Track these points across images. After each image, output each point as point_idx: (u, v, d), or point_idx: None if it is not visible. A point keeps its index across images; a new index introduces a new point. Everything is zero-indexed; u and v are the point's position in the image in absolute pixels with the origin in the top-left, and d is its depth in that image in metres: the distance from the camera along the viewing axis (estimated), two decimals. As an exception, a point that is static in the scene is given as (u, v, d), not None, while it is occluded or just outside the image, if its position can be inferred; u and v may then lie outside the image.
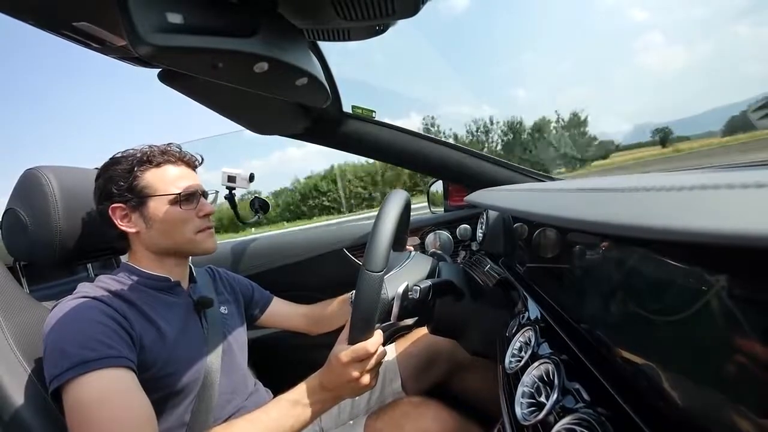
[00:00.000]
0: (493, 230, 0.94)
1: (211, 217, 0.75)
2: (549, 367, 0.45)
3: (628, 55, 27.34)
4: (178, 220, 0.69)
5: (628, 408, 0.33)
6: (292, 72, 0.45)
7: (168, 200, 0.69)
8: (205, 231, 0.73)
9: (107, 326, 0.58)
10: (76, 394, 0.52)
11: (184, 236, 0.71)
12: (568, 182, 0.71)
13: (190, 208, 0.71)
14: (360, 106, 1.00)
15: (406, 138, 1.04)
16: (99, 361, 0.53)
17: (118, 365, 0.55)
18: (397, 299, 0.61)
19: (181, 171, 0.72)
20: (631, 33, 30.01)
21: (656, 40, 25.90)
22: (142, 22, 0.32)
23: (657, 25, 28.01)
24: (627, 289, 0.39)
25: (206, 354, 0.71)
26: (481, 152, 1.07)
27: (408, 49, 33.87)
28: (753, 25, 21.23)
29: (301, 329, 0.97)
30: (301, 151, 69.27)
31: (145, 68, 0.57)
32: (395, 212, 0.58)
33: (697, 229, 0.16)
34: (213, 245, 0.75)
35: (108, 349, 0.55)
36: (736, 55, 19.94)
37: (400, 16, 0.42)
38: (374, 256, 0.54)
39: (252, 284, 0.95)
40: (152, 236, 0.69)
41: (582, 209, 0.28)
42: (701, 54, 18.60)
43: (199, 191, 0.72)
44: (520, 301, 0.68)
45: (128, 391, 0.54)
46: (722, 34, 20.36)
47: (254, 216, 1.31)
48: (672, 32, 24.08)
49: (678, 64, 26.08)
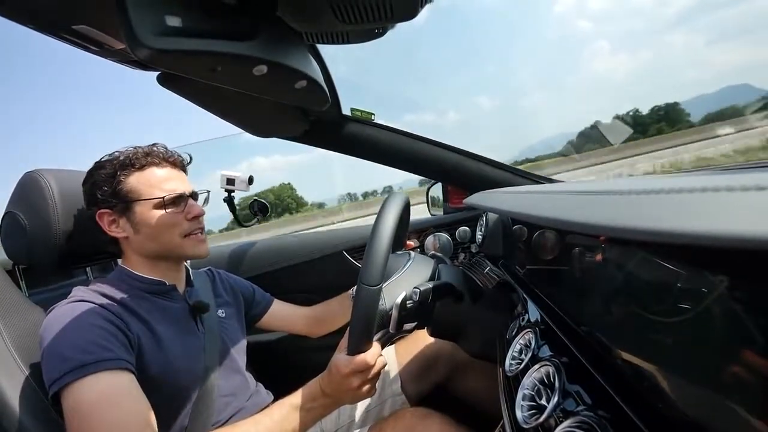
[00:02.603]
0: (492, 232, 0.93)
1: (203, 219, 0.73)
2: (549, 369, 0.45)
3: (577, 64, 27.83)
4: (164, 224, 0.67)
5: (629, 410, 0.33)
6: (292, 75, 0.45)
7: (153, 204, 0.66)
8: (195, 235, 0.71)
9: (103, 329, 0.57)
10: (74, 397, 0.52)
11: (172, 241, 0.69)
12: (567, 184, 0.71)
13: (177, 210, 0.69)
14: (359, 108, 1.00)
15: (406, 140, 1.04)
16: (96, 364, 0.53)
17: (115, 368, 0.55)
18: (395, 309, 0.60)
19: (167, 173, 0.70)
20: (579, 43, 30.54)
21: (604, 48, 26.45)
22: (141, 26, 0.32)
23: (602, 35, 28.72)
24: (627, 291, 0.39)
25: (204, 358, 0.70)
26: (480, 154, 1.07)
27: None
28: (685, 33, 21.74)
29: (303, 332, 0.96)
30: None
31: (144, 71, 0.57)
32: (392, 220, 0.57)
33: (697, 231, 0.16)
34: (203, 251, 0.73)
35: (105, 352, 0.55)
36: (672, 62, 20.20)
37: (399, 20, 0.42)
38: (371, 270, 0.54)
39: (253, 286, 0.95)
40: (141, 241, 0.68)
41: (581, 211, 0.28)
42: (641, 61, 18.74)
43: (186, 193, 0.70)
44: (519, 303, 0.67)
45: (127, 393, 0.54)
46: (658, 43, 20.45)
47: (254, 218, 1.31)
48: (617, 42, 24.52)
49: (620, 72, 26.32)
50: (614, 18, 33.90)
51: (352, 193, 41.61)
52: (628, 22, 31.50)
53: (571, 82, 32.14)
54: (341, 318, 0.94)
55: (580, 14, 48.97)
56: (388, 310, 0.61)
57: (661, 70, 37.32)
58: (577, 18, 46.95)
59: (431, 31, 53.31)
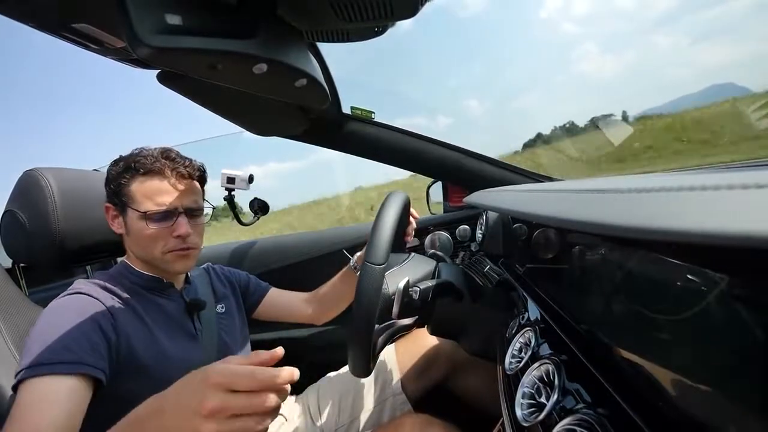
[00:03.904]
0: (492, 231, 0.94)
1: (189, 240, 0.69)
2: (549, 367, 0.45)
3: (564, 65, 27.31)
4: (146, 237, 0.66)
5: (629, 408, 0.33)
6: (292, 73, 0.45)
7: (138, 215, 0.66)
8: (177, 252, 0.68)
9: (81, 330, 0.57)
10: (19, 395, 0.51)
11: (152, 253, 0.68)
12: (567, 183, 0.71)
13: (164, 226, 0.67)
14: (359, 107, 1.00)
15: (406, 139, 1.04)
16: (50, 366, 0.52)
17: (66, 372, 0.52)
18: (398, 295, 0.61)
19: (168, 185, 0.67)
20: (567, 44, 30.07)
21: (591, 50, 26.06)
22: (141, 24, 0.32)
23: (590, 37, 28.36)
24: (626, 290, 0.39)
25: (200, 356, 0.70)
26: (480, 153, 1.07)
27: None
28: (667, 35, 21.20)
29: (306, 317, 0.92)
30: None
31: (144, 69, 0.57)
32: (396, 209, 0.59)
33: (697, 229, 0.16)
34: (182, 268, 0.71)
35: (68, 354, 0.53)
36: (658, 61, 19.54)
37: (399, 18, 0.42)
38: (376, 248, 0.54)
39: (249, 275, 0.94)
40: (131, 244, 0.70)
41: (581, 210, 0.28)
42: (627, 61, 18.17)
43: (179, 209, 0.67)
44: (519, 301, 0.68)
45: (57, 401, 0.51)
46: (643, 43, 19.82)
47: (254, 217, 1.31)
48: (603, 43, 24.07)
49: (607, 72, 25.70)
50: (599, 19, 33.32)
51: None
52: (613, 24, 30.86)
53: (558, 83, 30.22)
54: (346, 297, 0.90)
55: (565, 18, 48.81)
56: (391, 295, 0.61)
57: (646, 71, 36.22)
58: (563, 21, 46.64)
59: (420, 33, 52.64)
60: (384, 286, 0.59)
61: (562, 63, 36.76)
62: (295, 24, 0.45)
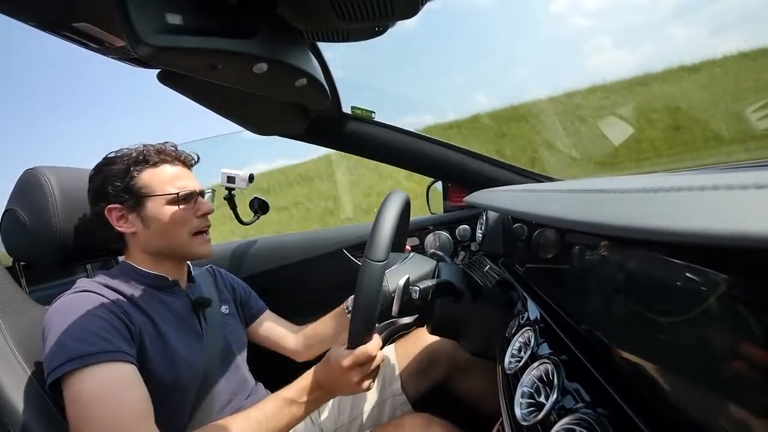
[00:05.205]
0: (492, 231, 0.94)
1: (210, 217, 0.75)
2: (548, 367, 0.45)
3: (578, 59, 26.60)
4: (175, 220, 0.69)
5: (628, 408, 0.33)
6: (292, 73, 0.45)
7: (166, 200, 0.68)
8: (202, 234, 0.73)
9: (106, 320, 0.58)
10: (75, 388, 0.52)
11: (180, 237, 0.70)
12: (567, 183, 0.71)
13: (188, 207, 0.70)
14: (359, 106, 1.00)
15: (406, 138, 1.04)
16: (97, 355, 0.53)
17: (115, 359, 0.55)
18: (398, 292, 0.61)
19: (178, 170, 0.72)
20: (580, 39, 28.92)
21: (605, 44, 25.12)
22: (142, 23, 0.32)
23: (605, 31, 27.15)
24: (626, 290, 0.39)
25: (204, 354, 0.71)
26: (481, 153, 1.07)
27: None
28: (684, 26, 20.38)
29: (289, 350, 0.90)
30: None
31: (145, 69, 0.57)
32: (396, 208, 0.59)
33: (696, 230, 0.16)
34: (207, 251, 0.74)
35: (106, 344, 0.55)
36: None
37: (400, 17, 0.42)
38: (376, 245, 0.54)
39: (250, 290, 0.94)
40: (149, 237, 0.69)
41: (581, 210, 0.28)
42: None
43: (196, 190, 0.72)
44: (519, 301, 0.68)
45: (128, 385, 0.54)
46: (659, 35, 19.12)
47: (254, 216, 1.31)
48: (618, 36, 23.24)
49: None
50: (614, 12, 32.58)
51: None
52: (628, 17, 30.19)
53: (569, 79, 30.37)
54: (333, 338, 0.87)
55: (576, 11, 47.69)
56: (391, 293, 0.61)
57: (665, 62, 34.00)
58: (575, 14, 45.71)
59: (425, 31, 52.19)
60: (384, 283, 0.59)
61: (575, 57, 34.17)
62: (295, 23, 0.45)
